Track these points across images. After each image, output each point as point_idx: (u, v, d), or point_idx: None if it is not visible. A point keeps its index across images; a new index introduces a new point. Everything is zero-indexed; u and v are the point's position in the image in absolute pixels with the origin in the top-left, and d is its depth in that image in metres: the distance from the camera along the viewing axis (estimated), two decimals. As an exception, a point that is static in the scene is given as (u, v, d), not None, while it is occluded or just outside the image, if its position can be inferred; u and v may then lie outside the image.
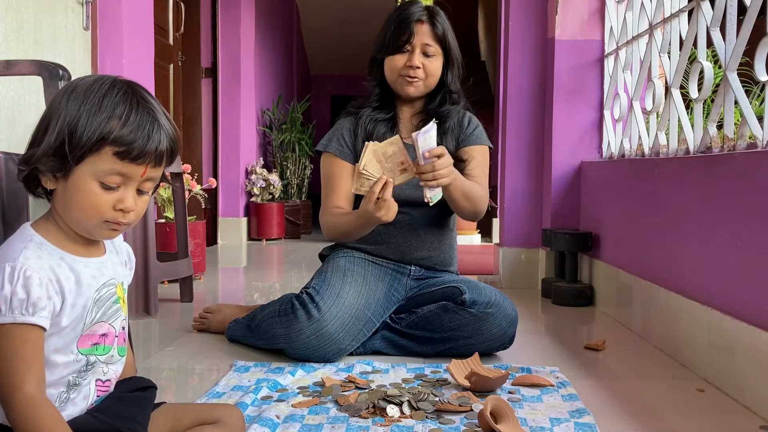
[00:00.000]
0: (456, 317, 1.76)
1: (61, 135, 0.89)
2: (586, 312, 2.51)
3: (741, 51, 1.67)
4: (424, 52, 1.86)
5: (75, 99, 0.91)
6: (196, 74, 4.53)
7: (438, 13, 1.90)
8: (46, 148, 0.90)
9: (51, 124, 0.91)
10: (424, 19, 1.86)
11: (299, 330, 1.70)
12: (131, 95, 0.93)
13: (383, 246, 1.90)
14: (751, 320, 1.47)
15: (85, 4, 2.60)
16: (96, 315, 0.96)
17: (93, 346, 0.96)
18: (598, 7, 2.84)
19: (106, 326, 0.98)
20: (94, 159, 0.90)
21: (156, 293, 2.32)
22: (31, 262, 0.89)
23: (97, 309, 0.96)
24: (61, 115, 0.90)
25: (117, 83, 0.93)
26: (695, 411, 1.44)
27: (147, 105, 0.93)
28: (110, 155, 0.90)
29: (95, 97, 0.91)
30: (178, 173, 2.55)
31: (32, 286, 0.88)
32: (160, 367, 1.72)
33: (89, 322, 0.95)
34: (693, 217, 1.78)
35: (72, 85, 0.93)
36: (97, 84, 0.92)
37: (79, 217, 0.92)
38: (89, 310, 0.95)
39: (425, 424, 1.31)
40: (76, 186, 0.91)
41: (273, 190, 5.04)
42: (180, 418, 1.08)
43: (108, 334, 0.98)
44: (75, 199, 0.91)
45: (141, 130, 0.91)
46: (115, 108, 0.90)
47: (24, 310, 0.87)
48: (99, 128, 0.89)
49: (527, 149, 3.02)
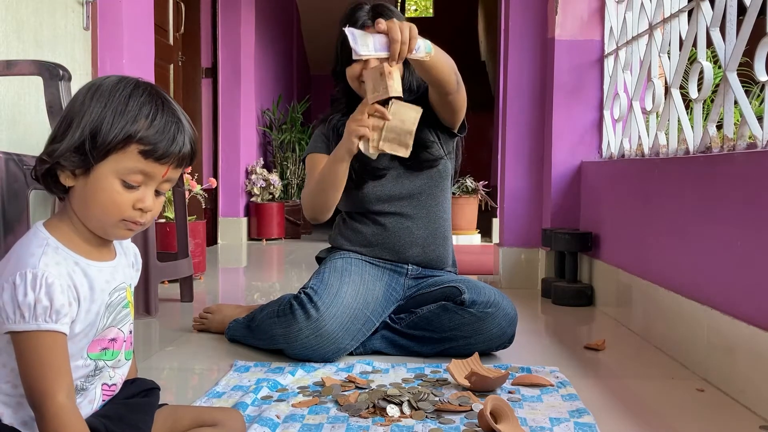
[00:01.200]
0: (456, 317, 1.76)
1: (86, 132, 0.90)
2: (586, 312, 2.51)
3: (741, 51, 1.67)
4: None
5: (100, 98, 0.92)
6: (196, 74, 4.53)
7: (384, 10, 1.83)
8: (69, 144, 0.90)
9: (75, 122, 0.91)
10: (370, 24, 1.79)
11: (298, 330, 1.71)
12: (156, 97, 0.94)
13: (377, 247, 1.90)
14: (751, 320, 1.47)
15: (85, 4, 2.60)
16: (108, 320, 0.96)
17: (102, 351, 0.96)
18: (598, 7, 2.84)
19: (116, 331, 0.98)
20: (119, 156, 0.91)
21: (156, 293, 2.32)
22: (51, 269, 0.89)
23: (109, 314, 0.96)
24: (85, 113, 0.91)
25: (141, 84, 0.95)
26: (695, 411, 1.44)
27: (171, 107, 0.95)
28: (135, 153, 0.91)
29: (121, 96, 0.92)
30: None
31: (55, 293, 0.88)
32: (160, 367, 1.72)
33: (101, 327, 0.95)
34: (693, 217, 1.78)
35: (96, 84, 0.94)
36: (122, 84, 0.93)
37: (98, 214, 0.93)
38: (101, 316, 0.95)
39: (425, 424, 1.31)
40: (98, 183, 0.91)
41: (273, 190, 5.05)
42: (179, 420, 1.08)
43: (117, 339, 0.99)
44: (96, 196, 0.92)
45: (167, 131, 0.93)
46: (141, 108, 0.92)
47: (48, 317, 0.87)
48: (126, 127, 0.90)
49: (527, 149, 3.02)
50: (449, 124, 1.90)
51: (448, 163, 1.95)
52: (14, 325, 0.87)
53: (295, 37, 7.27)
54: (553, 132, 2.86)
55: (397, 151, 1.65)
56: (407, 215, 1.90)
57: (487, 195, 5.01)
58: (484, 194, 5.01)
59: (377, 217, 1.90)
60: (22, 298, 0.86)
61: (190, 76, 4.48)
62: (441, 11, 8.79)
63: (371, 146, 1.66)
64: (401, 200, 1.89)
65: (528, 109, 3.00)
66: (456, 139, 1.97)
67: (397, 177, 1.90)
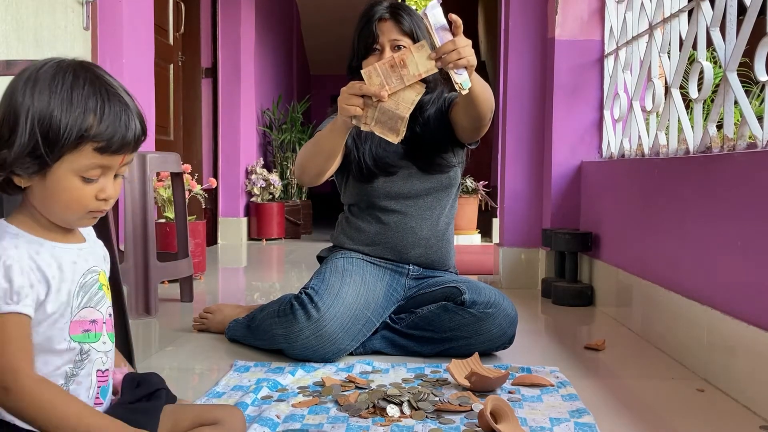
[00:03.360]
0: (456, 317, 1.76)
1: (35, 135, 0.87)
2: (586, 312, 2.51)
3: (741, 51, 1.67)
4: (395, 48, 1.81)
5: (41, 92, 0.88)
6: (196, 74, 4.53)
7: (401, 7, 1.86)
8: (20, 149, 0.87)
9: (20, 123, 0.87)
10: (387, 17, 1.82)
11: (299, 330, 1.71)
12: (97, 83, 0.90)
13: (380, 246, 1.90)
14: (751, 320, 1.47)
15: (85, 4, 2.60)
16: (82, 300, 0.96)
17: (84, 333, 0.96)
18: (598, 7, 2.84)
19: (94, 312, 0.98)
20: (74, 156, 0.89)
21: (156, 293, 2.32)
22: (10, 252, 0.89)
23: (83, 294, 0.96)
24: (29, 111, 0.87)
25: (78, 70, 0.91)
26: (695, 411, 1.44)
27: (115, 92, 0.92)
28: (90, 151, 0.89)
29: (62, 90, 0.88)
30: (178, 173, 2.55)
31: (13, 275, 0.88)
32: (160, 367, 1.72)
33: (76, 307, 0.95)
34: (693, 217, 1.78)
35: (30, 76, 0.90)
36: (60, 73, 0.89)
37: (61, 212, 0.93)
38: (74, 295, 0.95)
39: (425, 424, 1.31)
40: (57, 184, 0.90)
41: (273, 190, 5.04)
42: (180, 419, 1.08)
43: (97, 321, 0.98)
44: (57, 196, 0.91)
45: (118, 122, 0.90)
46: (87, 101, 0.88)
47: (9, 299, 0.88)
48: (76, 125, 0.87)
49: (527, 149, 3.02)
50: (465, 141, 1.91)
51: (458, 172, 1.97)
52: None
53: (295, 36, 7.27)
54: (553, 132, 2.86)
55: (387, 135, 1.57)
56: (411, 216, 1.90)
57: (487, 195, 5.01)
58: (484, 194, 5.01)
59: (382, 214, 1.90)
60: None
61: (190, 76, 4.48)
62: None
63: (362, 123, 1.59)
64: (408, 199, 1.89)
65: (528, 109, 3.00)
66: (465, 149, 1.99)
67: (408, 176, 1.90)
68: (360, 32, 1.85)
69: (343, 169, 1.95)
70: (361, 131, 1.89)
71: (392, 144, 1.90)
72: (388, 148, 1.90)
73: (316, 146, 1.76)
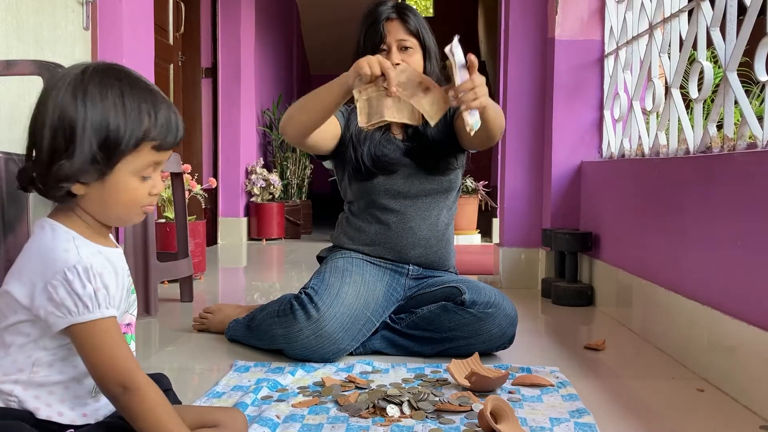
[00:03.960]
0: (456, 317, 1.76)
1: (94, 144, 0.90)
2: (586, 312, 2.51)
3: (741, 51, 1.67)
4: (401, 48, 1.85)
5: (93, 102, 0.90)
6: (196, 74, 4.53)
7: (407, 7, 1.89)
8: (82, 159, 0.90)
9: (77, 133, 0.89)
10: (394, 17, 1.85)
11: (298, 330, 1.71)
12: (140, 86, 0.95)
13: (380, 246, 1.90)
14: (751, 320, 1.47)
15: (85, 4, 2.60)
16: (125, 305, 1.00)
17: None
18: (598, 7, 2.84)
19: (129, 316, 1.03)
20: (133, 157, 0.93)
21: (156, 293, 2.32)
22: (94, 259, 0.92)
23: (126, 298, 1.00)
24: (86, 122, 0.89)
25: (120, 76, 0.94)
26: (695, 411, 1.44)
27: (156, 91, 0.96)
28: (148, 150, 0.94)
29: (113, 95, 0.91)
30: (178, 173, 2.55)
31: (108, 281, 0.92)
32: (160, 367, 1.72)
33: (122, 312, 0.98)
34: (693, 216, 1.78)
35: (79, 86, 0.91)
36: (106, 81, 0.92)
37: (120, 212, 0.96)
38: (123, 300, 0.98)
39: (425, 424, 1.31)
40: (118, 186, 0.93)
41: (273, 190, 5.04)
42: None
43: (131, 324, 1.03)
44: (117, 197, 0.94)
45: (170, 122, 0.95)
46: (139, 104, 0.92)
47: (108, 304, 0.91)
48: (136, 130, 0.91)
49: (527, 149, 3.02)
50: (468, 149, 1.94)
51: (459, 174, 1.97)
52: (79, 317, 0.89)
53: (295, 36, 7.27)
54: (553, 132, 2.86)
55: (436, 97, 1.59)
56: (411, 216, 1.90)
57: (487, 195, 5.01)
58: (484, 194, 5.01)
59: (381, 213, 1.90)
60: (82, 291, 0.89)
61: (190, 76, 4.48)
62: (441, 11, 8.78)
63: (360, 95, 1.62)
64: (407, 199, 1.89)
65: (528, 109, 3.00)
66: (466, 152, 2.00)
67: (408, 176, 1.89)
68: (366, 32, 1.87)
69: (343, 165, 1.95)
70: (360, 132, 1.89)
71: (392, 143, 1.91)
72: (387, 147, 1.91)
73: (309, 99, 1.76)
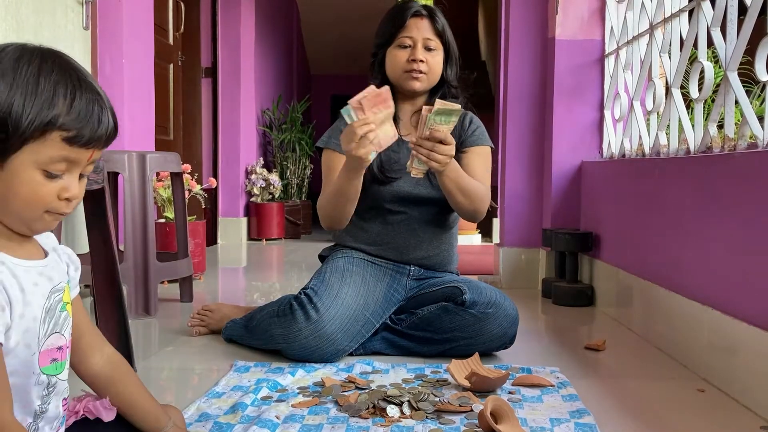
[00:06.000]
0: (456, 318, 1.76)
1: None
2: (586, 312, 2.51)
3: (741, 51, 1.66)
4: (426, 47, 1.86)
5: (3, 76, 0.78)
6: (196, 74, 4.53)
7: (436, 9, 1.92)
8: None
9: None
10: (424, 14, 1.88)
11: (297, 331, 1.70)
12: (68, 71, 0.81)
13: (382, 246, 1.90)
14: (751, 320, 1.47)
15: (85, 4, 2.60)
16: (49, 326, 0.85)
17: (53, 362, 0.86)
18: (598, 6, 2.84)
19: (60, 338, 0.87)
20: (37, 146, 0.78)
21: (156, 293, 2.32)
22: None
23: (49, 319, 0.85)
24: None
25: (47, 56, 0.81)
26: (695, 411, 1.44)
27: (87, 81, 0.83)
28: (58, 141, 0.79)
29: (28, 73, 0.78)
30: (178, 173, 2.55)
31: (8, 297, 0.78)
32: (159, 367, 1.72)
33: (43, 335, 0.84)
34: (693, 217, 1.78)
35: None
36: (26, 57, 0.80)
37: (18, 209, 0.81)
38: (40, 322, 0.83)
39: (425, 424, 1.31)
40: (16, 176, 0.79)
41: (273, 190, 5.04)
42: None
43: (63, 347, 0.88)
44: (15, 190, 0.79)
45: (90, 112, 0.81)
46: (56, 87, 0.79)
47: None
48: (42, 112, 0.77)
49: (527, 149, 3.01)
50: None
51: None
52: None
53: (295, 36, 7.27)
54: (554, 132, 2.86)
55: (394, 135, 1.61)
56: (416, 218, 1.89)
57: (488, 195, 5.00)
58: (485, 194, 5.00)
59: (386, 215, 1.89)
60: None
61: (190, 76, 4.48)
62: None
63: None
64: (413, 203, 1.88)
65: (528, 109, 3.00)
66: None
67: (416, 182, 1.87)
68: (395, 24, 1.88)
69: None
70: None
71: (400, 150, 1.88)
72: (396, 152, 1.88)
73: (338, 197, 1.74)
